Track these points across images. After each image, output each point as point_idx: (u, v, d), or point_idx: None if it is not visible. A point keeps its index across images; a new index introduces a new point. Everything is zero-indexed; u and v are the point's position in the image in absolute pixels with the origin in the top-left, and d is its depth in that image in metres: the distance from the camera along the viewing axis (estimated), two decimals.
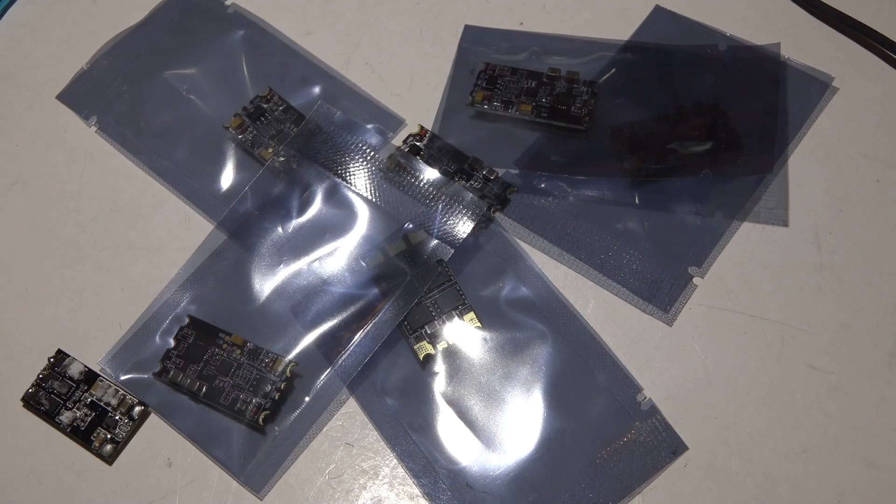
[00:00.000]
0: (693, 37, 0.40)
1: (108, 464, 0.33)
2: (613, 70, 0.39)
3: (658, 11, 0.42)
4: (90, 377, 0.34)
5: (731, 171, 0.36)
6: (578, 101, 0.38)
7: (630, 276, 0.35)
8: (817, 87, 0.39)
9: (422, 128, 0.38)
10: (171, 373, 0.33)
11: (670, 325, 0.35)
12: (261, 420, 0.32)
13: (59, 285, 0.36)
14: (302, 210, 0.36)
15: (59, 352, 0.34)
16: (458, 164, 0.37)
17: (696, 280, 0.35)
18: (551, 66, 0.39)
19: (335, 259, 0.35)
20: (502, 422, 0.33)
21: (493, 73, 0.39)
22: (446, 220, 0.35)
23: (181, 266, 0.36)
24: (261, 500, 0.32)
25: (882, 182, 0.37)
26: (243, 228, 0.36)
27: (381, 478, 0.32)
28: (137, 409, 0.33)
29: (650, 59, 0.40)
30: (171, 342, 0.34)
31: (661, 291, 0.35)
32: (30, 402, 0.34)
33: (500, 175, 0.37)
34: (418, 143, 0.38)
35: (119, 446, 0.33)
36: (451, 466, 0.32)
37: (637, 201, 0.37)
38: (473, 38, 0.41)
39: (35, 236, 0.38)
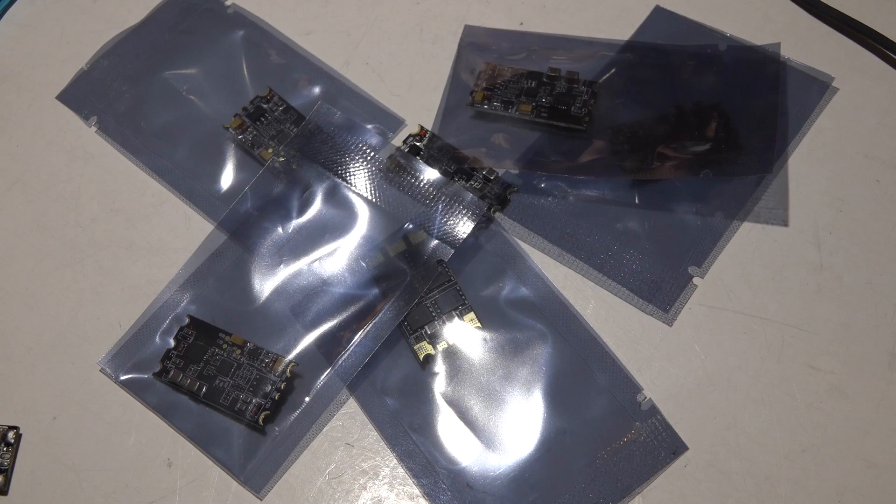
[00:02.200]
0: (693, 37, 0.41)
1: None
2: (613, 70, 0.39)
3: (658, 12, 0.42)
4: None
5: (731, 171, 0.36)
6: (578, 101, 0.38)
7: (630, 276, 0.35)
8: (817, 87, 0.39)
9: (421, 128, 0.38)
10: (171, 373, 0.33)
11: (670, 326, 0.35)
12: (261, 420, 0.32)
13: (59, 285, 0.36)
14: (302, 210, 0.36)
15: None
16: (457, 164, 0.37)
17: (696, 280, 0.35)
18: (551, 66, 0.39)
19: (335, 259, 0.35)
20: (502, 422, 0.33)
21: (493, 73, 0.39)
22: (446, 221, 0.35)
23: (181, 266, 0.36)
24: (261, 500, 0.32)
25: (882, 182, 0.37)
26: (243, 228, 0.36)
27: (381, 478, 0.32)
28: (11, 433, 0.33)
29: (650, 59, 0.40)
30: (171, 342, 0.34)
31: (661, 291, 0.35)
32: None
33: (500, 175, 0.37)
34: (418, 144, 0.38)
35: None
36: (451, 466, 0.32)
37: (637, 201, 0.37)
38: (473, 38, 0.41)
39: (35, 236, 0.38)
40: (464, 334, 0.34)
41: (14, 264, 0.37)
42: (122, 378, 0.34)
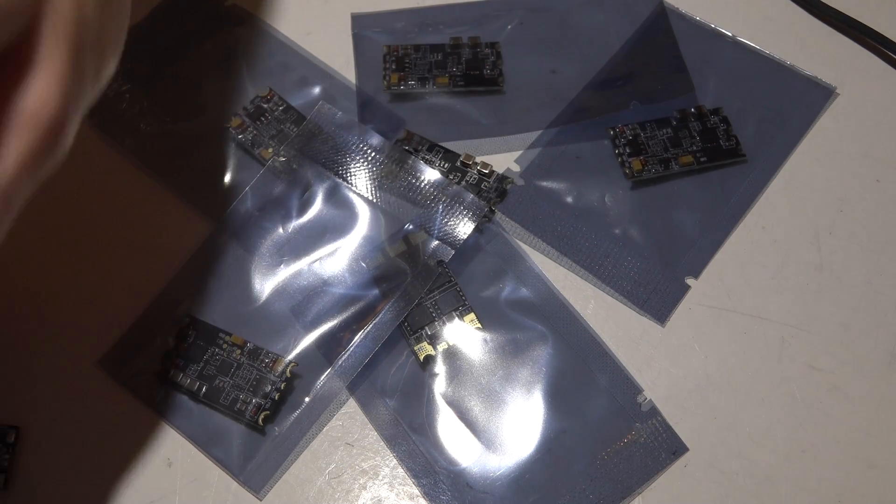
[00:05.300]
0: (694, 37, 0.40)
1: None
2: (509, 27, 0.41)
3: (659, 8, 0.42)
4: None
5: (657, 97, 0.38)
6: (487, 63, 0.39)
7: (628, 279, 0.35)
8: (818, 89, 0.39)
9: (407, 132, 0.38)
10: (171, 373, 0.33)
11: (670, 327, 0.34)
12: (260, 420, 0.32)
13: (59, 285, 0.36)
14: (302, 210, 0.36)
15: None
16: (450, 163, 0.37)
17: (695, 281, 0.35)
18: (451, 35, 0.40)
19: (335, 260, 0.35)
20: (503, 423, 0.33)
21: (399, 55, 0.39)
22: (447, 222, 0.35)
23: (181, 266, 0.36)
24: (260, 500, 0.32)
25: (882, 182, 0.37)
26: (243, 228, 0.36)
27: (381, 478, 0.32)
28: None
29: (540, 8, 0.41)
30: (171, 342, 0.34)
31: (658, 293, 0.35)
32: None
33: (493, 168, 0.37)
34: (407, 148, 0.38)
35: None
36: (451, 467, 0.32)
37: (636, 203, 0.37)
38: (364, 25, 0.41)
39: (34, 236, 0.37)
40: (464, 335, 0.34)
41: (14, 264, 0.37)
42: (122, 378, 0.34)
